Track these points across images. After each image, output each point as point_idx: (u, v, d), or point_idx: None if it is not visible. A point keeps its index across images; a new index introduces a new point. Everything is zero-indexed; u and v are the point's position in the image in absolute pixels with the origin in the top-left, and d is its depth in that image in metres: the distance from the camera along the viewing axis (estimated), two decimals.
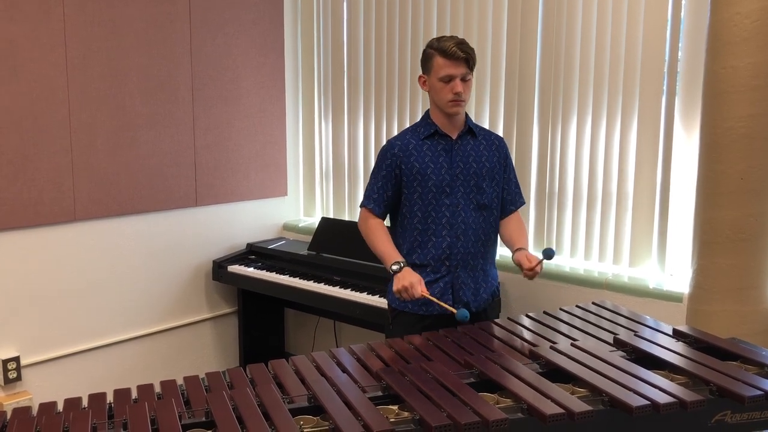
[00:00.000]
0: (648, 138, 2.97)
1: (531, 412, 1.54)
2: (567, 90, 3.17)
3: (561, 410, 1.51)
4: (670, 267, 2.98)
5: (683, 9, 2.83)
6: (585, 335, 2.09)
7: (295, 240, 4.16)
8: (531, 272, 2.43)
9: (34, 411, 1.69)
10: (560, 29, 3.15)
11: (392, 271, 2.45)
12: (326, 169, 4.23)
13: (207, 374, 1.84)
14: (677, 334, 2.04)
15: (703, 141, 2.56)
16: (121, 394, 1.74)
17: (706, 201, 2.55)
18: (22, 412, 1.66)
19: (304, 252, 3.81)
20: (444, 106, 2.49)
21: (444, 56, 2.42)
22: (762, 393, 1.61)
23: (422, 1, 3.61)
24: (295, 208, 4.37)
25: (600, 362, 1.79)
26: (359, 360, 1.91)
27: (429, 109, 2.60)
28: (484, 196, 2.56)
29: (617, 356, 1.86)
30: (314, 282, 3.57)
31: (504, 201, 2.66)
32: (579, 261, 3.22)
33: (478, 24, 3.40)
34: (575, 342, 1.97)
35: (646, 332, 2.07)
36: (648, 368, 1.76)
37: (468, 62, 2.43)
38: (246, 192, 4.05)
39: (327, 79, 4.13)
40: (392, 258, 2.48)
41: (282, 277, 3.68)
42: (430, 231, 2.53)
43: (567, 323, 2.21)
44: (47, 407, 1.69)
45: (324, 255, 3.73)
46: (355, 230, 3.73)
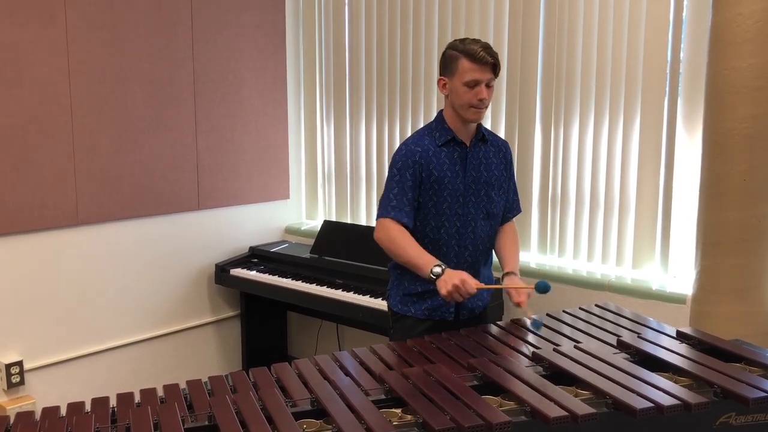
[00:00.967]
0: (650, 139, 2.97)
1: (534, 415, 1.54)
2: (569, 91, 3.17)
3: (564, 413, 1.50)
4: (673, 268, 2.98)
5: (685, 10, 2.82)
6: (588, 337, 2.08)
7: (298, 243, 4.16)
8: (519, 305, 2.38)
9: (37, 415, 1.69)
10: (562, 31, 3.15)
11: (435, 275, 2.25)
12: (328, 172, 4.23)
13: (210, 378, 1.84)
14: (681, 336, 2.04)
15: (706, 142, 2.56)
16: (124, 399, 1.74)
17: (709, 202, 2.55)
18: (25, 417, 1.66)
19: (307, 255, 3.81)
20: (464, 112, 2.37)
21: (471, 60, 2.29)
22: (766, 395, 1.61)
23: (424, 5, 3.61)
24: (298, 211, 4.37)
25: (603, 364, 1.78)
26: (362, 363, 1.91)
27: (442, 111, 2.47)
28: (493, 205, 2.49)
29: (621, 358, 1.85)
30: (317, 285, 3.57)
31: (503, 209, 2.58)
32: (582, 263, 3.21)
33: (480, 26, 3.40)
34: (578, 344, 1.97)
35: (650, 334, 2.07)
36: (651, 370, 1.76)
37: (494, 68, 2.33)
38: (248, 195, 4.05)
39: (329, 82, 4.14)
40: (430, 262, 2.29)
41: (285, 281, 3.68)
42: (442, 241, 2.44)
43: (570, 325, 2.21)
44: (50, 411, 1.69)
45: (326, 258, 3.73)
46: (358, 233, 3.75)
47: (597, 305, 2.40)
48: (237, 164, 3.96)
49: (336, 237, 3.80)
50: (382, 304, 3.25)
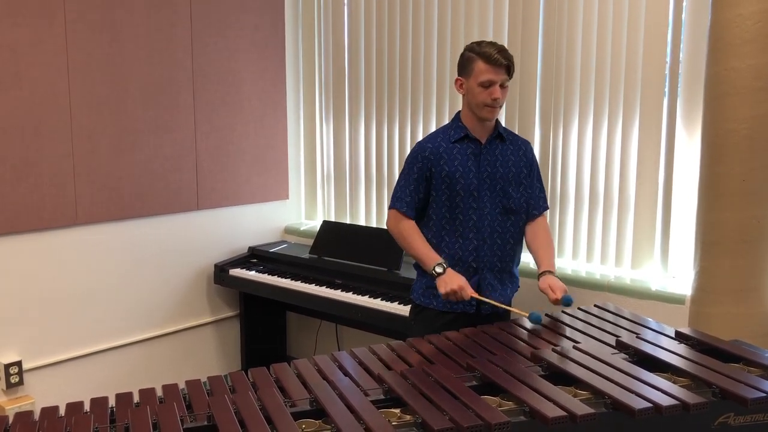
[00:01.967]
0: (649, 140, 2.97)
1: (533, 415, 1.54)
2: (568, 92, 3.17)
3: (563, 413, 1.50)
4: (673, 269, 2.98)
5: (684, 11, 2.83)
6: (587, 338, 2.08)
7: (297, 243, 4.16)
8: (556, 303, 2.44)
9: (36, 415, 1.69)
10: (561, 31, 3.15)
11: (436, 273, 2.47)
12: (327, 172, 4.23)
13: (209, 378, 1.84)
14: (680, 337, 2.04)
15: (705, 143, 2.56)
16: (123, 398, 1.74)
17: (708, 203, 2.55)
18: (24, 417, 1.66)
19: (306, 255, 3.81)
20: (479, 111, 2.51)
21: (487, 62, 2.44)
22: (765, 395, 1.61)
23: (423, 5, 3.61)
24: (297, 212, 4.37)
25: (602, 365, 1.79)
26: (361, 363, 1.91)
27: (460, 111, 2.61)
28: (511, 201, 2.59)
29: (619, 359, 1.85)
30: (316, 285, 3.57)
31: (527, 205, 2.66)
32: (581, 263, 3.22)
33: (480, 26, 3.41)
34: (577, 344, 1.97)
35: (649, 334, 2.07)
36: (650, 370, 1.76)
37: (509, 69, 2.47)
38: (247, 195, 4.05)
39: (328, 82, 4.14)
40: (433, 260, 2.50)
41: (284, 281, 3.68)
42: (458, 233, 2.56)
43: (569, 326, 2.21)
44: (49, 411, 1.69)
45: (326, 258, 3.73)
46: (357, 233, 3.76)
47: (596, 305, 2.41)
48: (236, 165, 3.96)
49: (335, 237, 3.80)
50: (381, 305, 3.26)
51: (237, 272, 3.85)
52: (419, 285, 2.66)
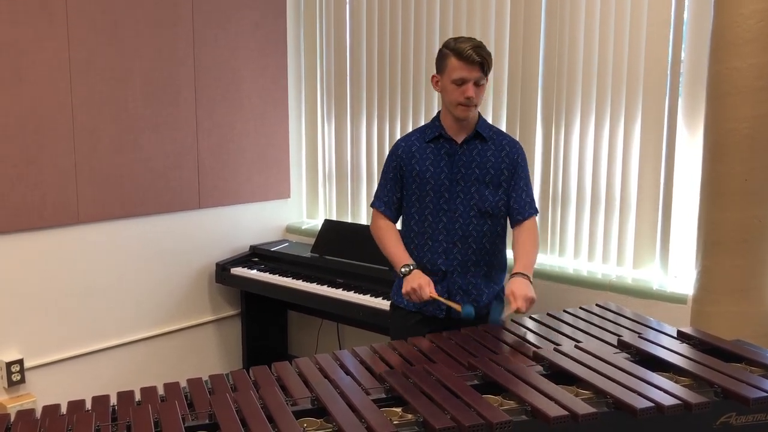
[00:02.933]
0: (651, 139, 2.97)
1: (535, 415, 1.54)
2: (570, 91, 3.16)
3: (565, 412, 1.50)
4: (674, 268, 2.97)
5: (686, 10, 2.82)
6: (589, 337, 2.08)
7: (298, 242, 4.16)
8: (518, 311, 2.27)
9: (38, 413, 1.69)
10: (563, 30, 3.15)
11: (402, 274, 2.42)
12: (329, 171, 4.23)
13: (210, 377, 1.84)
14: (681, 336, 2.04)
15: (707, 142, 2.55)
16: (125, 397, 1.74)
17: (710, 202, 2.54)
18: (26, 415, 1.66)
19: (307, 254, 3.81)
20: (453, 109, 2.42)
21: (459, 58, 2.33)
22: (767, 394, 1.61)
23: (425, 4, 3.61)
24: (298, 210, 4.37)
25: (604, 364, 1.79)
26: (362, 362, 1.91)
27: (440, 111, 2.53)
28: (486, 203, 2.47)
29: (621, 358, 1.85)
30: (317, 284, 3.57)
31: (510, 209, 2.50)
32: (582, 263, 3.21)
33: (481, 25, 3.40)
34: (579, 344, 1.97)
35: (650, 334, 2.07)
36: (652, 370, 1.76)
37: (483, 67, 2.35)
38: (249, 194, 4.05)
39: (330, 81, 4.14)
40: (402, 261, 2.45)
41: (285, 280, 3.68)
42: (427, 235, 2.50)
43: (570, 325, 2.21)
44: (51, 409, 1.69)
45: (327, 257, 3.73)
46: (358, 232, 3.76)
47: (598, 305, 2.40)
48: (238, 163, 3.96)
49: (336, 236, 3.80)
50: (383, 304, 3.26)
51: (238, 271, 3.86)
52: (397, 284, 2.59)
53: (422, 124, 2.68)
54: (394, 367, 1.84)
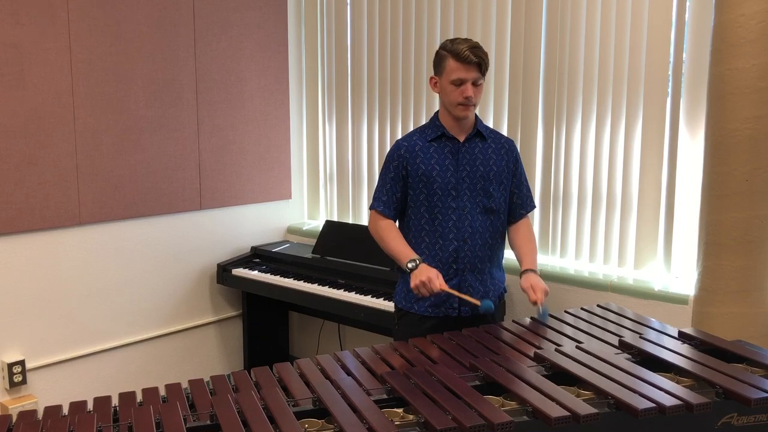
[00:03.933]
0: (653, 140, 2.97)
1: (536, 415, 1.54)
2: (571, 92, 3.17)
3: (566, 413, 1.50)
4: (676, 269, 2.97)
5: (687, 11, 2.82)
6: (590, 338, 2.08)
7: (300, 243, 4.16)
8: (535, 303, 2.37)
9: (40, 414, 1.69)
10: (564, 31, 3.15)
11: (408, 269, 2.40)
12: (330, 172, 4.24)
13: (212, 377, 1.84)
14: (683, 337, 2.04)
15: (708, 143, 2.55)
16: (126, 398, 1.75)
17: (712, 203, 2.54)
18: (28, 416, 1.66)
19: (309, 255, 3.81)
20: (453, 109, 2.45)
21: (457, 59, 2.37)
22: None
23: (426, 5, 3.61)
24: (300, 211, 4.38)
25: (605, 365, 1.78)
26: (364, 363, 1.91)
27: (438, 111, 2.56)
28: (492, 200, 2.52)
29: (622, 359, 1.85)
30: (318, 285, 3.57)
31: (513, 205, 2.60)
32: (584, 263, 3.21)
33: (482, 26, 3.41)
34: (580, 344, 1.97)
35: (652, 334, 2.07)
36: (653, 371, 1.76)
37: (480, 67, 2.39)
38: (250, 195, 4.06)
39: (331, 82, 4.14)
40: (407, 256, 2.44)
41: (286, 281, 3.68)
42: (437, 233, 2.51)
43: (572, 326, 2.21)
44: (52, 411, 1.70)
45: (328, 258, 3.73)
46: (360, 233, 3.75)
47: (599, 305, 2.40)
48: (239, 164, 3.97)
49: (338, 237, 3.80)
50: (384, 304, 3.26)
51: (240, 272, 3.86)
52: (401, 289, 2.59)
53: (413, 127, 2.69)
54: (396, 368, 1.84)
